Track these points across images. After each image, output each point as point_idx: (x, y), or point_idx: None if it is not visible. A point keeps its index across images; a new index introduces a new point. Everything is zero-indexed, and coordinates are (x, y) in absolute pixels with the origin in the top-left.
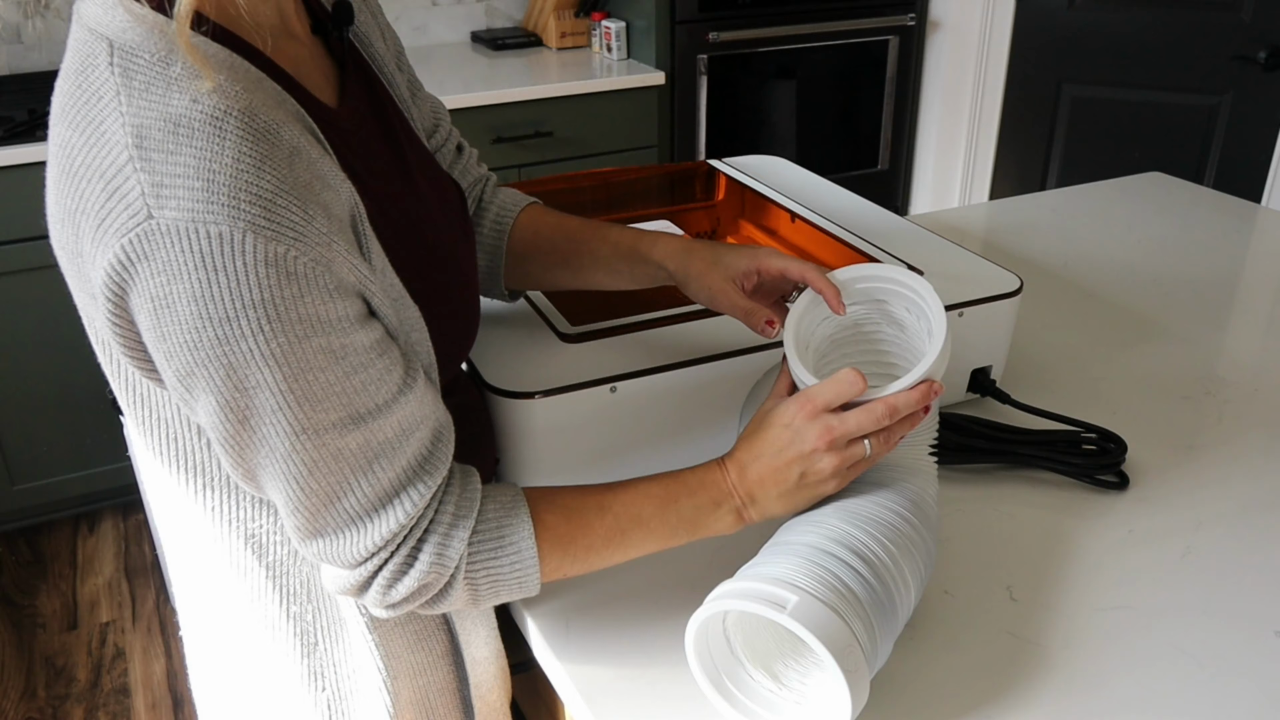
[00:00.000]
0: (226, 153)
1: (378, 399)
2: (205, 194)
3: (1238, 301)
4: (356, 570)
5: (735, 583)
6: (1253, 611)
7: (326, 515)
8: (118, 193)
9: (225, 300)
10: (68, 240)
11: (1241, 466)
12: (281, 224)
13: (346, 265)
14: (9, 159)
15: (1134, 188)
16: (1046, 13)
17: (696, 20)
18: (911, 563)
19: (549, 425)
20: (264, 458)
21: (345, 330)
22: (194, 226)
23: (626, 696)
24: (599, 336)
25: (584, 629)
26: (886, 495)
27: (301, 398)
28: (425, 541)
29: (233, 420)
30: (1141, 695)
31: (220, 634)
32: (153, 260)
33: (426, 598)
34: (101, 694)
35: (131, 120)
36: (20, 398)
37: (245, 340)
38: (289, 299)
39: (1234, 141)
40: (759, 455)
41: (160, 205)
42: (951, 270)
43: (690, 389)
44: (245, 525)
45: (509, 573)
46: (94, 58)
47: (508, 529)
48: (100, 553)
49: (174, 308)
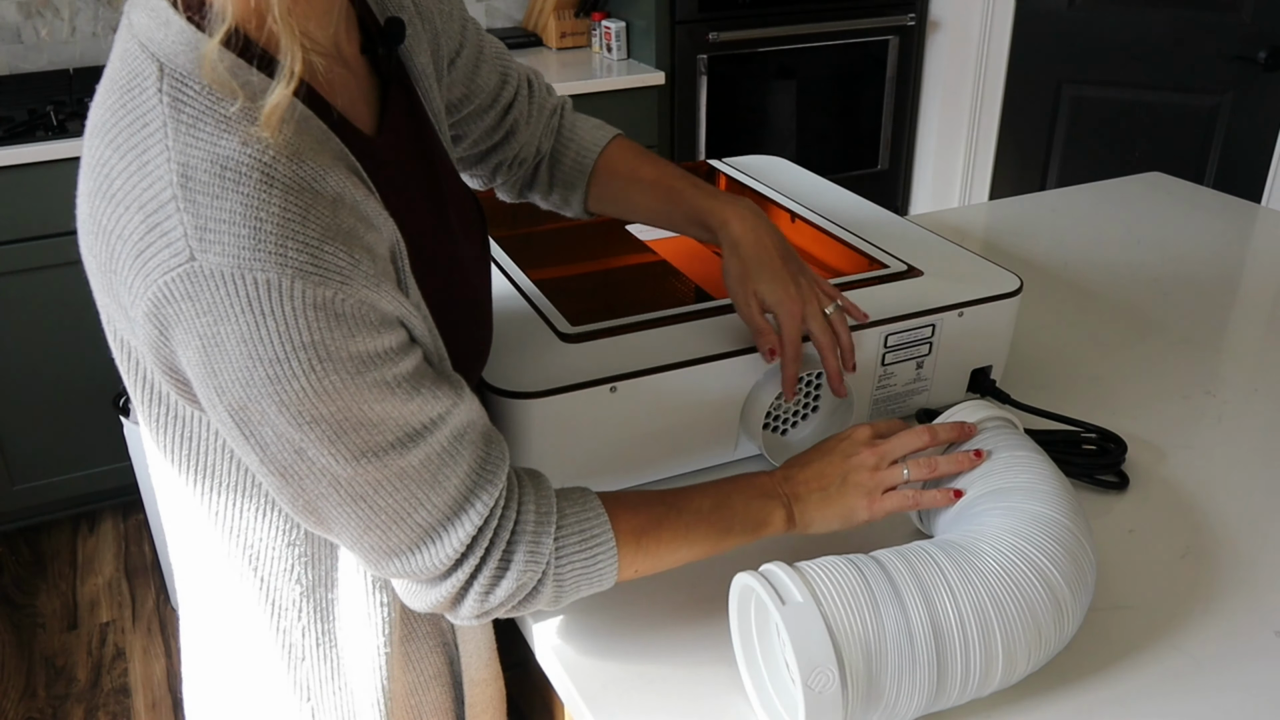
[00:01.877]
0: (274, 202)
1: (431, 414)
2: (252, 241)
3: (1238, 301)
4: (446, 583)
5: (781, 564)
6: (1253, 611)
7: (400, 532)
8: (159, 229)
9: (275, 343)
10: (100, 254)
11: (1241, 466)
12: (328, 269)
13: (390, 300)
14: (9, 159)
15: (1134, 188)
16: (1046, 13)
17: (696, 20)
18: (1010, 634)
19: (549, 425)
20: (326, 487)
21: (394, 362)
22: (240, 273)
23: (626, 696)
24: (599, 336)
25: (583, 628)
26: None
27: (358, 425)
28: (516, 544)
29: (290, 452)
30: (1141, 695)
31: (214, 635)
32: (198, 301)
33: (520, 598)
34: (101, 694)
35: (178, 157)
36: (20, 398)
37: (298, 379)
38: (339, 339)
39: (1234, 141)
40: (809, 461)
41: (204, 249)
42: (951, 270)
43: (690, 389)
44: (245, 536)
45: (592, 569)
46: (142, 78)
47: (589, 526)
48: (100, 553)
49: (223, 347)
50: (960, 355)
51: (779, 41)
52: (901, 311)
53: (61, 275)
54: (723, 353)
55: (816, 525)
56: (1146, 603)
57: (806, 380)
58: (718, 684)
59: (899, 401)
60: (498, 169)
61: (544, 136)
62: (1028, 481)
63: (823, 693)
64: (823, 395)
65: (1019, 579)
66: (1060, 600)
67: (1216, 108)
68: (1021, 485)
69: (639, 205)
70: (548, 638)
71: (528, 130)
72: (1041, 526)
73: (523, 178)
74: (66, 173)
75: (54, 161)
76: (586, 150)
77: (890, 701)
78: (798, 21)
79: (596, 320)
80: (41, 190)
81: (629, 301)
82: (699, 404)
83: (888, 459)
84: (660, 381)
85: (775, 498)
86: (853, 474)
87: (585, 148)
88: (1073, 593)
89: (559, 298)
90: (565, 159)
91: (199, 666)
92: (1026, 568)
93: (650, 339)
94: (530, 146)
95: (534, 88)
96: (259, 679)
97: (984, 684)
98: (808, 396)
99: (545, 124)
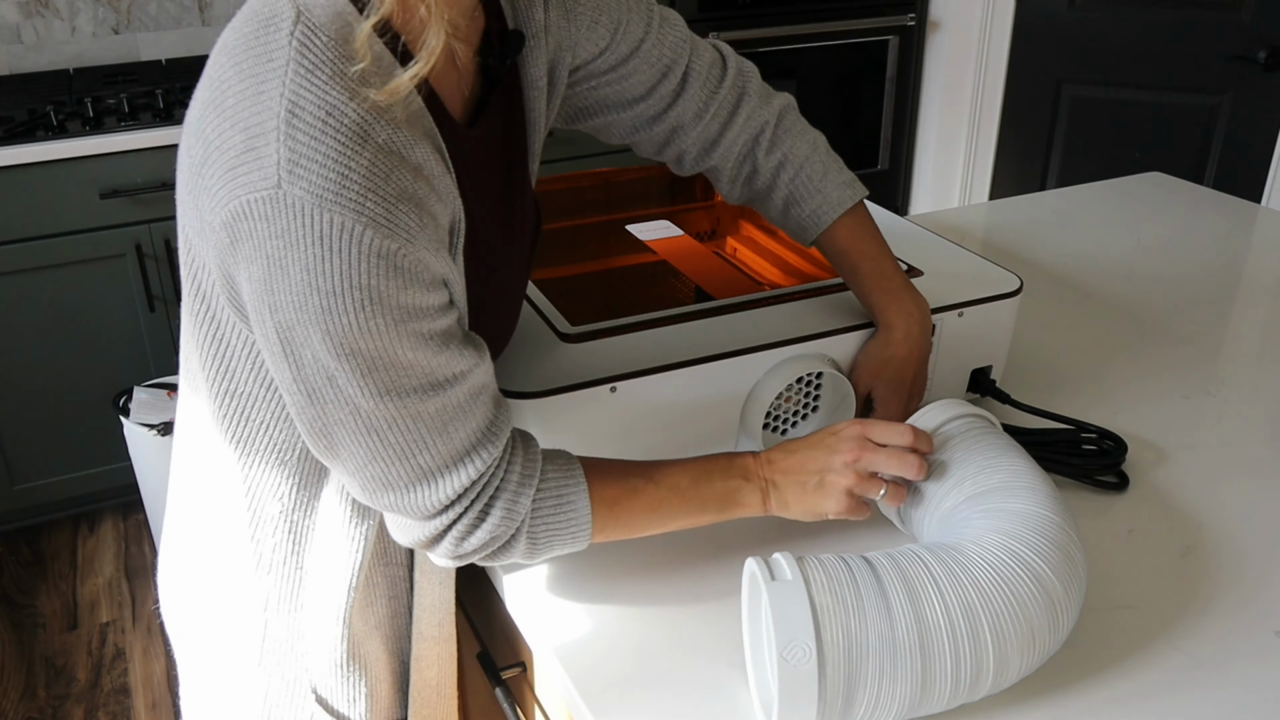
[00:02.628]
0: (364, 156)
1: (455, 370)
2: (337, 185)
3: (1238, 301)
4: (430, 522)
5: (786, 553)
6: (1253, 611)
7: (401, 469)
8: (255, 151)
9: (335, 278)
10: (195, 157)
11: (1241, 466)
12: (397, 226)
13: (442, 263)
14: (9, 159)
15: (1134, 188)
16: (1046, 13)
17: (696, 20)
18: (1000, 632)
19: (550, 425)
20: (347, 415)
21: (434, 318)
22: (319, 209)
23: (626, 696)
24: (599, 336)
25: (583, 628)
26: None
27: (388, 366)
28: (496, 500)
29: (321, 377)
30: (1141, 695)
31: (195, 534)
32: (273, 224)
33: (493, 549)
34: (101, 694)
35: (290, 94)
36: (20, 398)
37: (347, 315)
38: (393, 289)
39: (1234, 141)
40: (794, 450)
41: (292, 180)
42: (951, 270)
43: (690, 388)
44: (245, 444)
45: (565, 529)
46: (279, 19)
47: (566, 490)
48: (100, 553)
49: (287, 271)
50: (960, 355)
51: (779, 41)
52: None
53: (61, 275)
54: (723, 353)
55: (790, 513)
56: (1146, 603)
57: (806, 380)
58: (718, 684)
59: None
60: (681, 158)
61: (743, 147)
62: (1004, 480)
63: (798, 667)
64: (823, 395)
65: (1007, 575)
66: (1052, 596)
67: (1216, 108)
68: (999, 485)
69: (824, 251)
70: (548, 637)
71: (699, 123)
72: (1024, 520)
73: (738, 181)
74: (67, 173)
75: (54, 161)
76: (826, 210)
77: (871, 697)
78: (798, 21)
79: (596, 320)
80: (41, 190)
81: (629, 301)
82: (699, 404)
83: (868, 469)
84: (660, 381)
85: (753, 481)
86: (830, 474)
87: (826, 206)
88: (1064, 587)
89: (559, 297)
90: (805, 206)
91: (175, 564)
92: (1014, 563)
93: (650, 339)
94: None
95: (742, 103)
96: (226, 583)
97: (975, 686)
98: (807, 396)
99: (740, 130)
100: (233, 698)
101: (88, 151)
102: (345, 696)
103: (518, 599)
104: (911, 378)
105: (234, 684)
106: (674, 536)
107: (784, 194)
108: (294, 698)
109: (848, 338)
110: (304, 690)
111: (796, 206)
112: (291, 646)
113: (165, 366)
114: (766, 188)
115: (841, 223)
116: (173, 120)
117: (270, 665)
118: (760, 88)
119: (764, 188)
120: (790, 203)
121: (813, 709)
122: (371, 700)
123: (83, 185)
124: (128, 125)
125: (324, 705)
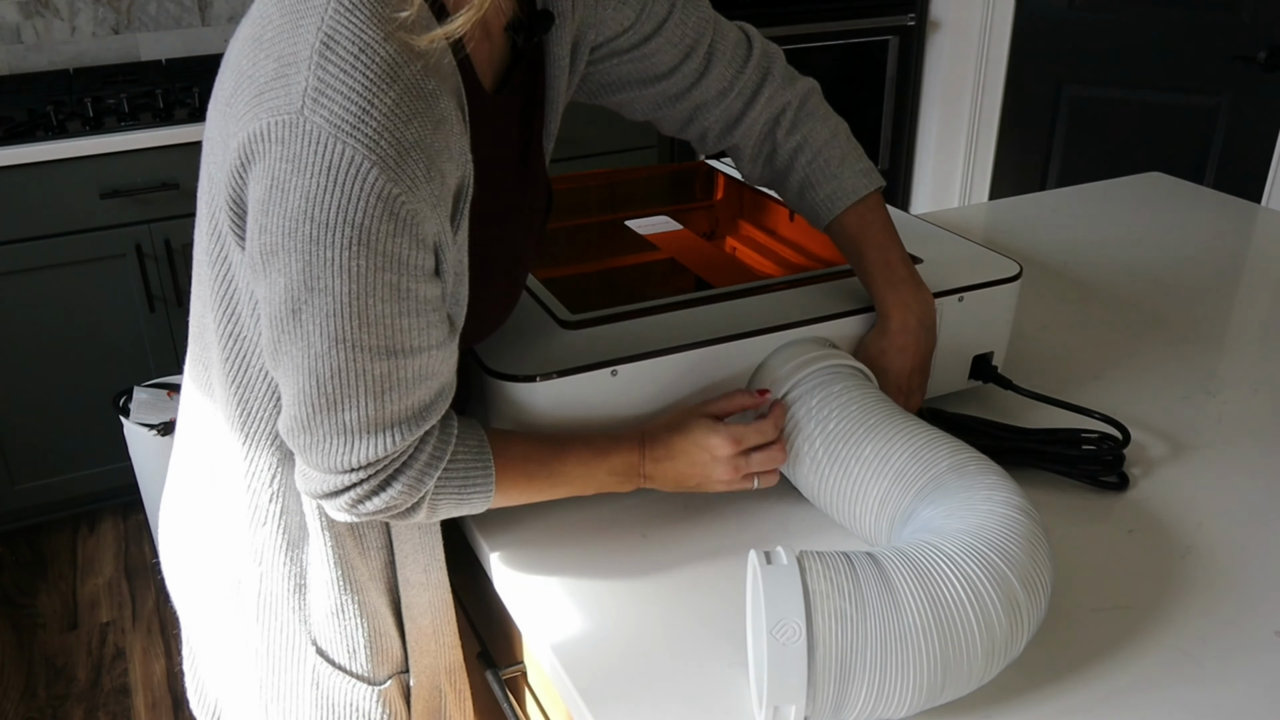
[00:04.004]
0: (390, 96)
1: (416, 343)
2: (356, 119)
3: (1238, 301)
4: (333, 478)
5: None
6: (1253, 611)
7: (325, 419)
8: (285, 78)
9: (331, 209)
10: (227, 89)
11: (1241, 466)
12: (404, 172)
13: (437, 225)
14: (9, 159)
15: (1134, 188)
16: (1046, 13)
17: None
18: None
19: (551, 408)
20: (296, 347)
21: (415, 277)
22: (333, 139)
23: (626, 696)
24: (598, 323)
25: (583, 628)
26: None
27: (355, 315)
28: (401, 473)
29: (287, 306)
30: (1141, 695)
31: (195, 494)
32: (287, 147)
33: (390, 515)
34: (101, 694)
35: (327, 27)
36: (20, 398)
37: (332, 249)
38: (383, 234)
39: (1234, 141)
40: (674, 457)
41: (314, 108)
42: (951, 258)
43: (689, 372)
44: (242, 390)
45: (466, 504)
46: None
47: (474, 473)
48: (100, 553)
49: (286, 194)
50: (961, 341)
51: (779, 41)
52: None
53: (61, 275)
54: (723, 336)
55: None
56: (1146, 603)
57: None
58: (718, 684)
59: None
60: (704, 136)
61: (764, 126)
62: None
63: (786, 645)
64: None
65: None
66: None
67: (1216, 108)
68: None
69: (834, 238)
70: (548, 638)
71: (724, 101)
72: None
73: (759, 160)
74: (67, 173)
75: (54, 161)
76: (840, 196)
77: (874, 687)
78: (798, 21)
79: (595, 308)
80: (41, 190)
81: (629, 296)
82: (699, 387)
83: (743, 471)
84: (660, 365)
85: (633, 479)
86: (709, 483)
87: (840, 192)
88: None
89: (559, 287)
90: (820, 190)
91: (175, 522)
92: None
93: (650, 325)
94: (724, 122)
95: (761, 88)
96: (222, 538)
97: (991, 662)
98: None
99: (762, 110)
100: (234, 653)
101: (88, 151)
102: (345, 648)
103: (517, 599)
104: (909, 371)
105: (234, 639)
106: (674, 537)
107: (800, 176)
108: (295, 649)
109: (845, 322)
110: (304, 642)
111: (811, 190)
112: (288, 599)
113: (165, 366)
114: (785, 168)
115: (854, 210)
116: (172, 120)
117: (268, 620)
118: (785, 70)
119: (782, 168)
120: (806, 186)
121: (802, 692)
122: (373, 651)
123: (83, 185)
124: (128, 125)
125: (324, 656)
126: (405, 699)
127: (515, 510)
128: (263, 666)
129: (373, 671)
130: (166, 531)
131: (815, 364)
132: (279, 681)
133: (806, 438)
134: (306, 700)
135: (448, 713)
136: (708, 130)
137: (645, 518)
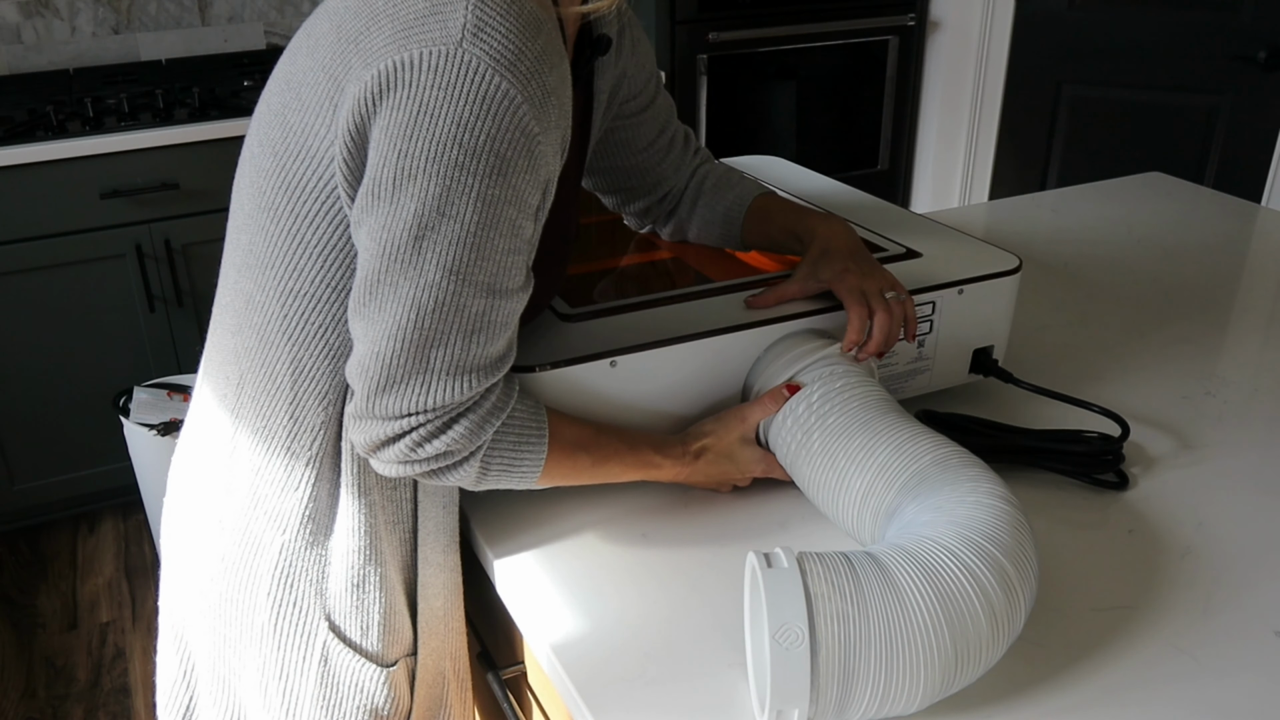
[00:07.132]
0: (540, 41)
1: (512, 284)
2: (513, 56)
3: (1238, 301)
4: (395, 423)
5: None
6: (1253, 611)
7: (412, 356)
8: (440, 13)
9: (481, 137)
10: (348, 29)
11: (1241, 466)
12: (546, 114)
13: (549, 173)
14: (9, 159)
15: (1134, 188)
16: (1046, 13)
17: (696, 20)
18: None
19: (551, 399)
20: (406, 278)
21: (528, 215)
22: (491, 72)
23: (626, 696)
24: (597, 316)
25: (583, 628)
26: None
27: (475, 246)
28: (464, 415)
29: (411, 233)
30: (1141, 694)
31: (209, 481)
32: (441, 76)
33: (444, 464)
34: (101, 694)
35: None
36: (20, 398)
37: (474, 175)
38: (519, 169)
39: (1234, 141)
40: (714, 462)
41: (475, 42)
42: (950, 252)
43: (688, 363)
44: (290, 324)
45: (518, 468)
46: None
47: (529, 433)
48: (100, 553)
49: (436, 120)
50: (961, 334)
51: (779, 41)
52: None
53: (61, 275)
54: (723, 327)
55: None
56: (1146, 603)
57: None
58: (718, 684)
59: (901, 380)
60: (644, 207)
61: (687, 184)
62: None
63: (790, 650)
64: None
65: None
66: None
67: (1216, 108)
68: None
69: (748, 231)
70: (547, 638)
71: (675, 178)
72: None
73: (660, 214)
74: (67, 173)
75: (54, 161)
76: (746, 195)
77: (878, 686)
78: (798, 21)
79: (594, 302)
80: (41, 190)
81: (631, 292)
82: (697, 379)
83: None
84: (660, 356)
85: (670, 475)
86: (735, 480)
87: (745, 194)
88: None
89: (561, 288)
90: (728, 194)
91: (184, 490)
92: None
93: (648, 318)
94: (674, 189)
95: (689, 140)
96: (243, 511)
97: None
98: None
99: (690, 174)
100: (234, 633)
101: (88, 151)
102: (359, 624)
103: (517, 599)
104: (853, 260)
105: (237, 618)
106: (674, 537)
107: (706, 200)
108: (306, 625)
109: (843, 314)
110: (318, 617)
111: (720, 201)
112: (307, 570)
113: (165, 366)
114: (690, 205)
115: (759, 198)
116: (172, 120)
117: (281, 594)
118: (725, 170)
119: (689, 202)
120: (714, 203)
121: (805, 696)
122: (385, 630)
123: (83, 185)
124: (128, 125)
125: (337, 632)
126: (410, 684)
127: (516, 511)
128: (268, 644)
129: (383, 652)
130: (170, 521)
131: (813, 354)
132: (283, 659)
133: (805, 431)
134: (311, 678)
135: (449, 700)
136: (650, 208)
137: (645, 517)
